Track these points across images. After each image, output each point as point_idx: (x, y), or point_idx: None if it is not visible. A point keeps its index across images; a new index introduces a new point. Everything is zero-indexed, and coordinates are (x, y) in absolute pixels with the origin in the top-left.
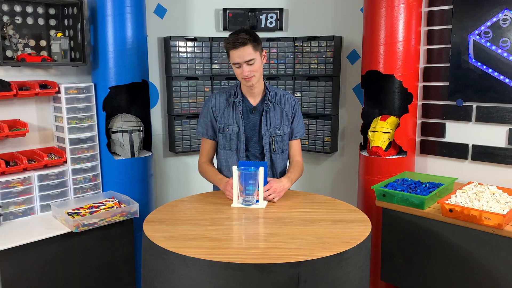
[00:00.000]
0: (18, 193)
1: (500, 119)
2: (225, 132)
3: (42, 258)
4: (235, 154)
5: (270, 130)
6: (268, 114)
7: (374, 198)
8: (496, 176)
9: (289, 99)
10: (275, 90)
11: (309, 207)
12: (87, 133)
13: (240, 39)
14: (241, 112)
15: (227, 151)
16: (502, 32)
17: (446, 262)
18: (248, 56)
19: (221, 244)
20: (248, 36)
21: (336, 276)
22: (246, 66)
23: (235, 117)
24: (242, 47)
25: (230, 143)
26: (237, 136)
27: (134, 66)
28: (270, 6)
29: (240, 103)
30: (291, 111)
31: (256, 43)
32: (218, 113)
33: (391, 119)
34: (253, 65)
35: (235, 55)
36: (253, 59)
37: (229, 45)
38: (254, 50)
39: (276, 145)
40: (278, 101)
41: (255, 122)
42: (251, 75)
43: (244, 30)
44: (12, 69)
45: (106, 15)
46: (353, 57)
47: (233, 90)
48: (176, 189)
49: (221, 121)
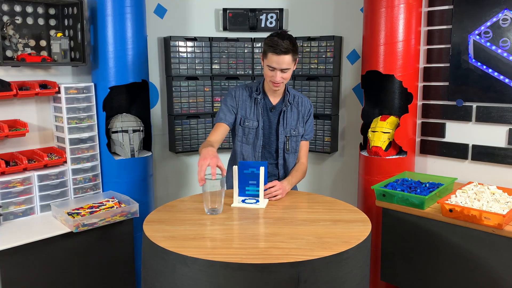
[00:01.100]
0: (18, 193)
1: (500, 119)
2: (245, 126)
3: (42, 258)
4: (251, 148)
5: (286, 130)
6: (285, 114)
7: (374, 198)
8: (496, 176)
9: (305, 102)
10: (294, 92)
11: (309, 207)
12: (87, 133)
13: (283, 46)
14: (262, 109)
15: (244, 144)
16: (502, 32)
17: (446, 262)
18: (286, 65)
19: (221, 244)
20: (292, 46)
21: (336, 276)
22: (279, 73)
23: (255, 113)
24: (283, 55)
25: (248, 137)
26: (256, 132)
27: (134, 66)
28: (270, 6)
29: (262, 100)
30: (307, 113)
31: (295, 53)
32: (240, 105)
33: (391, 119)
34: (286, 73)
35: (273, 60)
36: (289, 68)
37: (271, 49)
38: (292, 61)
39: (290, 145)
40: (296, 103)
41: (273, 121)
42: (281, 82)
43: (288, 37)
44: (12, 69)
45: (106, 15)
46: (353, 57)
47: (255, 86)
48: (176, 189)
49: (242, 114)
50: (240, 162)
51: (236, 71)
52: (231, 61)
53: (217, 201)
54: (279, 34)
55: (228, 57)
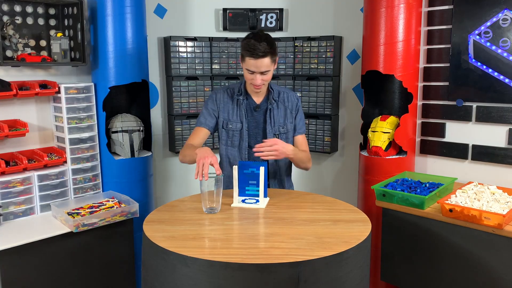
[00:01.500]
0: (18, 193)
1: (500, 119)
2: (228, 128)
3: (42, 258)
4: (237, 150)
5: (274, 128)
6: (272, 112)
7: (374, 198)
8: (496, 176)
9: (291, 97)
10: (277, 88)
11: (309, 207)
12: (87, 133)
13: (261, 50)
14: (245, 109)
15: (229, 147)
16: (502, 32)
17: (446, 262)
18: (264, 68)
19: (221, 244)
20: (269, 47)
21: (336, 276)
22: (259, 76)
23: (239, 114)
24: (261, 58)
25: (233, 139)
26: (240, 133)
27: (134, 66)
28: (270, 6)
29: (244, 100)
30: (294, 108)
31: (274, 54)
32: (221, 109)
33: (391, 119)
34: (266, 74)
35: (251, 64)
36: (269, 70)
37: (248, 53)
38: (271, 62)
39: None
40: (282, 99)
41: (259, 120)
42: (262, 83)
43: (265, 38)
44: (12, 69)
45: (106, 15)
46: (353, 57)
47: (237, 88)
48: (176, 189)
49: (224, 117)
50: (240, 162)
51: (236, 71)
52: (231, 61)
53: (215, 200)
54: (256, 36)
55: (228, 57)
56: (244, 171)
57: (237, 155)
